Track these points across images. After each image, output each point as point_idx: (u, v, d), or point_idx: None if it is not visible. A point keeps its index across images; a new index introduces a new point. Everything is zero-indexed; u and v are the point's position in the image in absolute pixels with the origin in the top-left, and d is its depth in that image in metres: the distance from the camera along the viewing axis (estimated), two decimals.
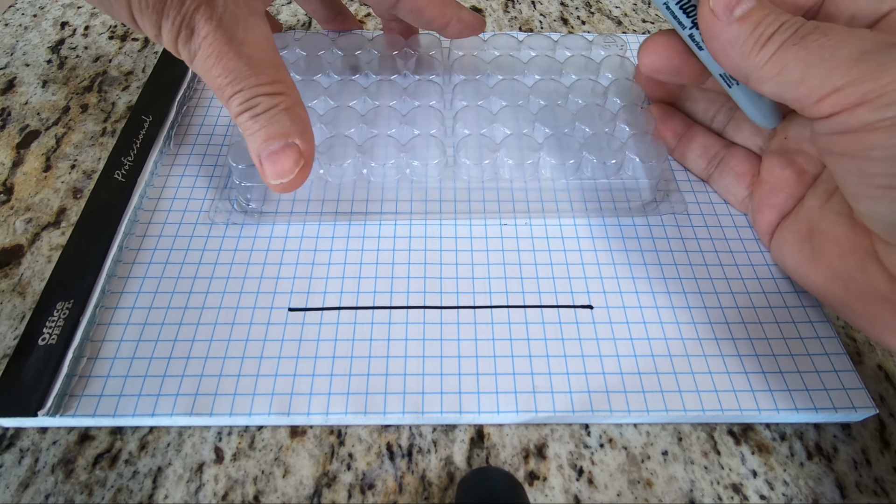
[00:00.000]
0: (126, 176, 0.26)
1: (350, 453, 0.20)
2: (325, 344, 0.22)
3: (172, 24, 0.19)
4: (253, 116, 0.20)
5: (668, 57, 0.22)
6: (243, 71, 0.19)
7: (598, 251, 0.24)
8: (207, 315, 0.22)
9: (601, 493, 0.19)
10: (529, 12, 0.39)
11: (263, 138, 0.20)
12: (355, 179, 0.27)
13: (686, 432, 0.21)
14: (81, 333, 0.21)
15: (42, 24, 0.36)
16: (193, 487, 0.19)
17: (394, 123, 0.27)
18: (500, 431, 0.21)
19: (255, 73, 0.20)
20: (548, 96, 0.28)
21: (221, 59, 0.19)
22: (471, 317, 0.22)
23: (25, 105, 0.31)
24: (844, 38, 0.17)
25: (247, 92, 0.20)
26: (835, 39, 0.17)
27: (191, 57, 0.20)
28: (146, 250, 0.24)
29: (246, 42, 0.19)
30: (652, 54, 0.22)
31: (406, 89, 0.29)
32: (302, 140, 0.20)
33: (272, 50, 0.20)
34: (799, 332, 0.22)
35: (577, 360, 0.21)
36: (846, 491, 0.20)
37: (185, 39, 0.19)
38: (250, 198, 0.26)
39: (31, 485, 0.19)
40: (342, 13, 0.32)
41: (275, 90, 0.20)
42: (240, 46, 0.19)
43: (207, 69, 0.19)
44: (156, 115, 0.28)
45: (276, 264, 0.24)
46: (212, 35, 0.19)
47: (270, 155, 0.20)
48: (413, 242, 0.25)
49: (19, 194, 0.27)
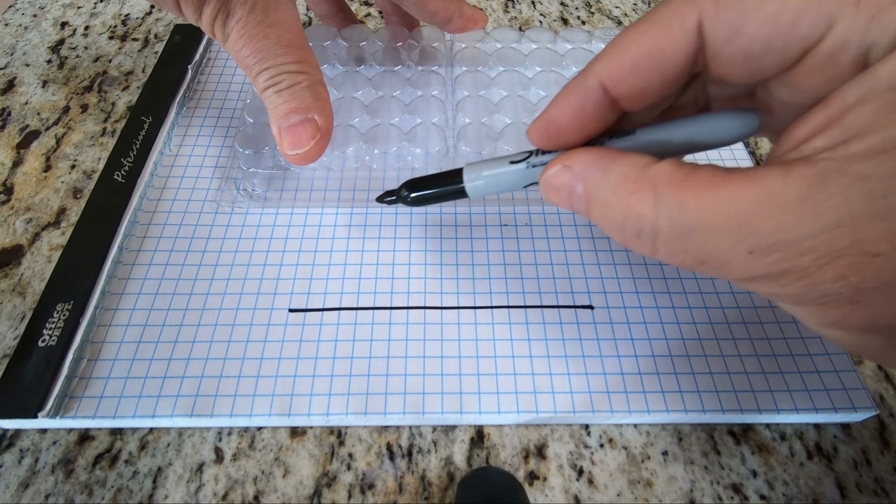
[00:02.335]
0: (126, 177, 0.26)
1: (350, 453, 0.20)
2: (326, 345, 0.22)
3: (213, 9, 0.21)
4: (277, 91, 0.22)
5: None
6: (271, 51, 0.21)
7: (599, 251, 0.24)
8: (208, 316, 0.22)
9: (601, 493, 0.19)
10: (529, 12, 0.39)
11: (285, 112, 0.22)
12: (357, 168, 0.27)
13: (686, 432, 0.21)
14: (81, 335, 0.21)
15: (42, 24, 0.36)
16: (193, 487, 0.19)
17: (396, 113, 0.27)
18: (500, 431, 0.21)
19: (282, 53, 0.21)
20: (548, 87, 0.29)
21: (252, 40, 0.21)
22: (471, 317, 0.22)
23: (25, 105, 0.31)
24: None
25: (273, 69, 0.21)
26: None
27: (224, 37, 0.21)
28: (146, 251, 0.24)
29: (276, 24, 0.21)
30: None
31: (409, 80, 0.29)
32: (321, 116, 0.22)
33: (299, 32, 0.22)
34: (800, 331, 0.22)
35: (577, 361, 0.21)
36: (846, 491, 0.20)
37: (221, 22, 0.21)
38: (255, 183, 0.26)
39: (31, 485, 0.19)
40: (343, 10, 0.32)
41: (299, 69, 0.22)
42: (270, 28, 0.21)
43: (238, 49, 0.21)
44: (156, 115, 0.28)
45: (276, 265, 0.24)
46: (245, 18, 0.21)
47: (290, 127, 0.22)
48: (413, 230, 0.25)
49: (19, 194, 0.27)
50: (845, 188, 0.11)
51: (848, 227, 0.12)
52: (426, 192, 0.21)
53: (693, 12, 0.13)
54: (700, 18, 0.13)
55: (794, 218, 0.12)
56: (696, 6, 0.13)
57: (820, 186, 0.12)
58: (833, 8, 0.12)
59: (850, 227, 0.12)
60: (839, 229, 0.12)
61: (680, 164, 0.14)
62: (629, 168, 0.14)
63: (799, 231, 0.12)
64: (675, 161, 0.14)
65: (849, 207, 0.11)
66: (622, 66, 0.15)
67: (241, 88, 0.31)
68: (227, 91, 0.31)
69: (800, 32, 0.12)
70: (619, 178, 0.15)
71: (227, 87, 0.31)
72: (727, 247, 0.13)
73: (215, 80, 0.31)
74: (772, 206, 0.12)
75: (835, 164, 0.12)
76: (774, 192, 0.12)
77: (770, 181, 0.12)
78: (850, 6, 0.12)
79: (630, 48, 0.14)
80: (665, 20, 0.14)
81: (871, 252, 0.12)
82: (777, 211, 0.12)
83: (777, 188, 0.12)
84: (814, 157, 0.12)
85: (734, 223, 0.13)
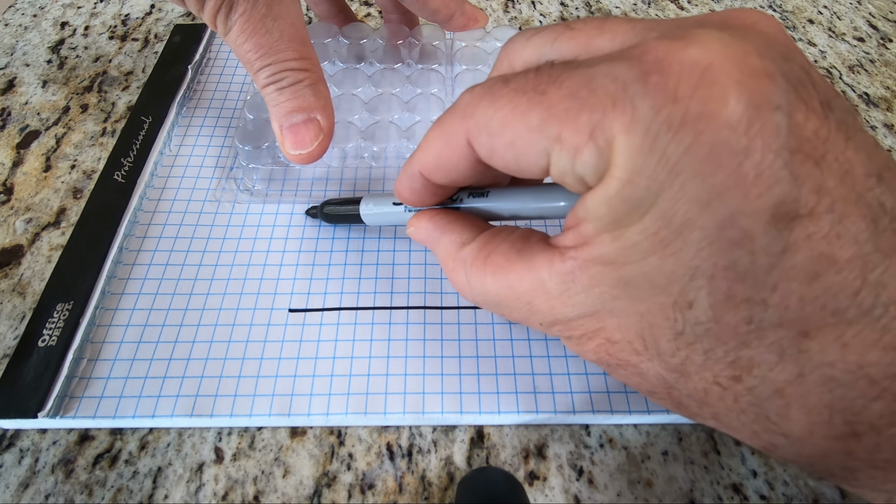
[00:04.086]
0: (126, 177, 0.26)
1: (350, 453, 0.20)
2: (326, 344, 0.22)
3: (216, 1, 0.20)
4: (279, 89, 0.21)
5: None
6: (273, 46, 0.21)
7: None
8: (208, 316, 0.22)
9: (601, 493, 0.19)
10: (529, 12, 0.39)
11: (287, 110, 0.22)
12: (357, 165, 0.27)
13: (686, 432, 0.21)
14: (81, 335, 0.21)
15: (42, 24, 0.36)
16: (193, 487, 0.19)
17: (396, 110, 0.27)
18: (500, 431, 0.21)
19: (284, 49, 0.21)
20: None
21: (254, 35, 0.21)
22: (471, 317, 0.22)
23: (25, 105, 0.31)
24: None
25: (275, 66, 0.21)
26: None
27: (226, 31, 0.21)
28: (146, 251, 0.24)
29: (279, 19, 0.21)
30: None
31: (409, 77, 0.29)
32: (323, 115, 0.22)
33: (302, 28, 0.22)
34: None
35: (578, 361, 0.21)
36: (846, 491, 0.20)
37: (224, 15, 0.20)
38: (255, 179, 0.27)
39: (31, 485, 0.19)
40: (344, 10, 0.32)
41: (301, 66, 0.21)
42: (272, 23, 0.21)
43: (240, 44, 0.21)
44: (156, 116, 0.28)
45: (276, 265, 0.24)
46: (248, 12, 0.20)
47: (292, 126, 0.22)
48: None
49: (19, 194, 0.27)
50: (586, 287, 0.14)
51: (594, 317, 0.15)
52: (336, 210, 0.24)
53: (462, 130, 0.15)
54: (468, 136, 0.15)
55: (559, 304, 0.15)
56: (464, 126, 0.15)
57: (570, 283, 0.14)
58: (545, 143, 0.13)
59: (595, 317, 0.15)
60: (589, 318, 0.15)
61: (485, 243, 0.16)
62: (450, 245, 0.17)
63: (564, 313, 0.15)
64: (483, 238, 0.17)
65: (592, 302, 0.14)
66: (428, 163, 0.16)
67: (241, 88, 0.31)
68: (227, 91, 0.31)
69: (532, 159, 0.13)
70: (444, 254, 0.17)
71: (227, 87, 0.31)
72: (524, 317, 0.16)
73: (215, 79, 0.31)
74: (543, 293, 0.15)
75: (578, 263, 0.14)
76: (542, 282, 0.15)
77: (540, 272, 0.15)
78: (554, 143, 0.13)
79: (430, 149, 0.16)
80: (447, 132, 0.15)
81: (611, 340, 0.15)
82: (547, 297, 0.15)
83: (544, 279, 0.15)
84: (567, 253, 0.14)
85: (522, 301, 0.15)
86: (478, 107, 0.14)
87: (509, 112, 0.13)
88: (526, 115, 0.13)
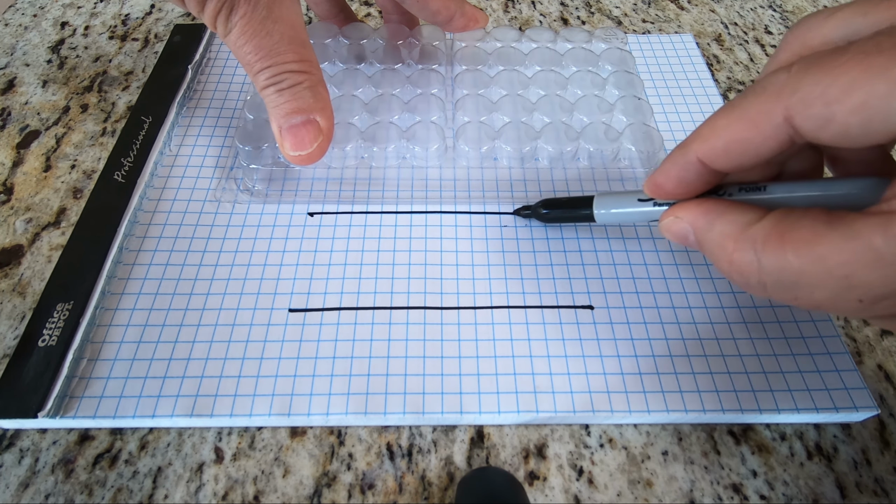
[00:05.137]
0: (126, 177, 0.26)
1: (350, 453, 0.20)
2: (326, 344, 0.22)
3: (217, 2, 0.20)
4: (278, 91, 0.21)
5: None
6: (273, 48, 0.21)
7: (599, 251, 0.24)
8: (208, 316, 0.22)
9: (601, 493, 0.19)
10: (529, 12, 0.39)
11: (286, 112, 0.22)
12: (357, 165, 0.27)
13: (686, 432, 0.21)
14: (81, 335, 0.21)
15: (42, 24, 0.36)
16: (193, 487, 0.19)
17: (396, 111, 0.27)
18: (500, 431, 0.21)
19: (283, 52, 0.21)
20: (547, 86, 0.29)
21: (255, 37, 0.21)
22: (471, 317, 0.22)
23: (25, 105, 0.31)
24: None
25: (275, 68, 0.21)
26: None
27: (226, 32, 0.21)
28: (146, 251, 0.24)
29: (279, 21, 0.21)
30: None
31: (409, 78, 0.29)
32: (322, 117, 0.22)
33: (302, 30, 0.22)
34: (801, 330, 0.22)
35: (577, 361, 0.21)
36: (846, 491, 0.20)
37: (224, 17, 0.20)
38: (256, 179, 0.27)
39: (31, 485, 0.19)
40: (344, 11, 0.32)
41: (301, 68, 0.22)
42: (272, 25, 0.21)
43: (240, 45, 0.21)
44: (156, 116, 0.28)
45: (276, 265, 0.24)
46: (249, 14, 0.20)
47: (291, 128, 0.22)
48: (413, 231, 0.25)
49: (19, 194, 0.27)
50: None
51: None
52: (558, 211, 0.24)
53: (779, 109, 0.14)
54: (787, 114, 0.14)
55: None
56: (781, 103, 0.14)
57: None
58: None
59: None
60: None
61: (780, 220, 0.15)
62: (731, 226, 0.16)
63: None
64: (776, 216, 0.15)
65: None
66: (715, 149, 0.16)
67: (241, 88, 0.31)
68: (227, 91, 0.31)
69: (892, 117, 0.13)
70: (722, 237, 0.16)
71: (227, 87, 0.31)
72: (835, 296, 0.14)
73: (215, 79, 0.31)
74: (873, 261, 0.13)
75: None
76: (874, 248, 0.13)
77: (870, 238, 0.13)
78: None
79: (721, 134, 0.15)
80: (752, 115, 0.15)
81: None
82: (879, 265, 0.13)
83: (877, 244, 0.13)
84: None
85: (838, 276, 0.13)
86: (802, 81, 0.14)
87: (859, 74, 0.13)
88: (887, 71, 0.12)
